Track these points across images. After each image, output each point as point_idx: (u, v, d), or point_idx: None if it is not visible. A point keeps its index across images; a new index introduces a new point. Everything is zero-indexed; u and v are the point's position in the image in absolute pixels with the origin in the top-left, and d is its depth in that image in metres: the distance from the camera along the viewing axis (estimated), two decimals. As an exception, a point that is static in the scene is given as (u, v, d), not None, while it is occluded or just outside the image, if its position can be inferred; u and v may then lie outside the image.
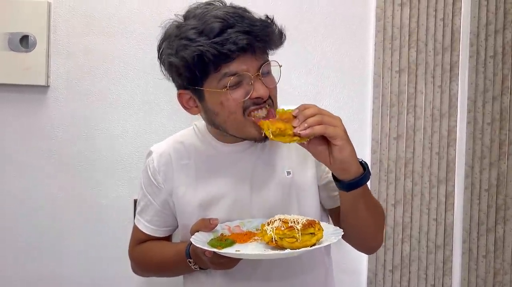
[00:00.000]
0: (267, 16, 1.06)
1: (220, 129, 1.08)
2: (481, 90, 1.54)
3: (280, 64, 1.07)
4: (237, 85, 1.00)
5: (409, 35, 1.53)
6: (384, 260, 1.55)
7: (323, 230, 0.95)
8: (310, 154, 1.11)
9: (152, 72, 1.54)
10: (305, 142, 0.94)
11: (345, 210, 1.06)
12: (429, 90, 1.54)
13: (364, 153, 1.56)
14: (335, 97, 1.56)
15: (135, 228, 1.25)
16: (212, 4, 1.04)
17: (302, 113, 0.92)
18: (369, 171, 0.99)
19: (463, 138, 1.55)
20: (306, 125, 0.90)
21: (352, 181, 0.96)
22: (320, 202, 1.16)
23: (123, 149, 1.55)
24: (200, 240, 0.99)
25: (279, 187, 1.12)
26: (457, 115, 1.55)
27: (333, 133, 0.91)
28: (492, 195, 1.55)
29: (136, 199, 1.44)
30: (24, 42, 1.50)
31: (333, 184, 1.07)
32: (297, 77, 1.55)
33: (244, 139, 1.11)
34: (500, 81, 1.54)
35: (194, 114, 1.11)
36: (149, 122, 1.55)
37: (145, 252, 1.23)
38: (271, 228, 0.94)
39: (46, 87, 1.53)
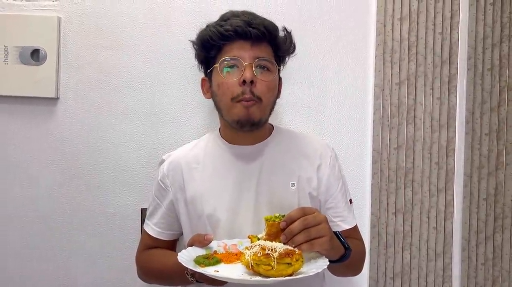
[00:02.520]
0: (284, 28, 1.25)
1: (220, 113, 1.22)
2: (479, 102, 1.58)
3: (278, 67, 1.22)
4: (233, 68, 1.16)
5: (408, 49, 1.57)
6: (385, 268, 1.58)
7: (303, 261, 0.95)
8: (316, 166, 1.20)
9: (159, 84, 1.58)
10: None
11: (327, 268, 1.13)
12: (428, 101, 1.58)
13: (365, 163, 1.60)
14: (337, 108, 1.60)
15: (143, 233, 1.31)
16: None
17: (289, 230, 0.97)
18: (350, 251, 1.07)
19: (462, 148, 1.58)
20: (293, 245, 0.96)
21: (333, 261, 1.05)
22: None
23: (131, 159, 1.58)
24: (189, 255, 1.02)
25: (283, 197, 1.17)
26: (455, 126, 1.58)
27: (319, 248, 0.99)
28: (490, 204, 1.58)
29: (143, 208, 1.50)
30: (35, 55, 1.54)
31: (334, 210, 1.23)
32: (300, 90, 1.59)
33: (247, 144, 1.21)
34: (497, 93, 1.58)
35: (207, 98, 1.27)
36: (156, 132, 1.58)
37: (148, 258, 1.28)
38: (250, 253, 0.95)
39: (56, 99, 1.57)
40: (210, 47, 1.19)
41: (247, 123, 1.15)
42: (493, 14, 1.57)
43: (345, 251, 1.06)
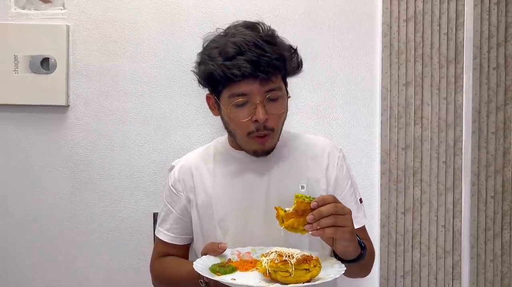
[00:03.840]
0: (290, 47, 1.18)
1: (232, 135, 1.20)
2: (485, 101, 1.60)
3: (289, 95, 1.18)
4: (243, 105, 1.11)
5: (414, 50, 1.59)
6: (396, 266, 1.60)
7: (320, 267, 0.95)
8: (324, 167, 1.21)
9: (168, 90, 1.60)
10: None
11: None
12: (435, 101, 1.59)
13: (374, 164, 1.62)
14: (345, 110, 1.62)
15: (156, 241, 1.32)
16: (248, 27, 1.15)
17: (319, 211, 0.96)
18: (366, 250, 1.07)
19: (469, 147, 1.60)
20: (318, 227, 0.95)
21: (349, 261, 1.05)
22: None
23: (141, 164, 1.60)
24: (204, 264, 1.02)
25: (293, 197, 1.17)
26: (462, 125, 1.60)
27: (341, 236, 0.98)
28: (498, 202, 1.60)
29: (155, 213, 1.51)
30: (45, 64, 1.55)
31: None
32: (309, 92, 1.60)
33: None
34: (503, 92, 1.60)
35: (216, 115, 1.24)
36: (166, 137, 1.60)
37: (163, 267, 1.28)
38: (266, 260, 0.94)
39: (66, 107, 1.59)
40: (216, 83, 1.13)
41: (262, 153, 1.17)
42: (498, 14, 1.59)
43: (361, 251, 1.06)
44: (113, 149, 1.60)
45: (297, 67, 1.22)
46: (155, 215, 1.56)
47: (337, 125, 1.61)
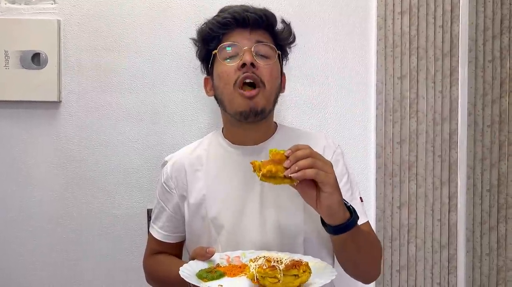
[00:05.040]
0: (282, 19, 1.26)
1: (223, 107, 1.20)
2: (480, 94, 1.59)
3: (277, 51, 1.20)
4: (232, 58, 1.15)
5: (409, 43, 1.58)
6: (391, 261, 1.60)
7: (310, 272, 0.92)
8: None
9: (161, 85, 1.58)
10: (295, 183, 0.94)
11: (335, 249, 1.11)
12: (430, 95, 1.58)
13: (369, 158, 1.61)
14: (340, 104, 1.60)
15: (149, 238, 1.31)
16: None
17: (294, 154, 0.92)
18: (357, 216, 0.99)
19: (464, 140, 1.59)
20: (296, 167, 0.91)
21: (338, 227, 0.96)
22: None
23: (135, 160, 1.59)
24: (192, 270, 1.00)
25: (289, 198, 1.15)
26: (458, 119, 1.59)
27: (323, 179, 0.92)
28: (493, 195, 1.60)
29: (149, 209, 1.50)
30: (36, 59, 1.53)
31: None
32: (303, 86, 1.59)
33: (249, 144, 1.20)
34: (499, 85, 1.59)
35: (210, 95, 1.26)
36: (160, 133, 1.59)
37: (154, 265, 1.27)
38: (255, 265, 0.92)
39: (58, 102, 1.57)
40: (210, 39, 1.19)
41: (250, 113, 1.13)
42: (493, 6, 1.58)
43: (350, 216, 0.97)
44: (106, 145, 1.58)
45: (289, 34, 1.26)
46: (149, 212, 1.55)
47: (331, 119, 1.60)
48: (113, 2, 1.56)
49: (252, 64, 1.12)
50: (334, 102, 1.60)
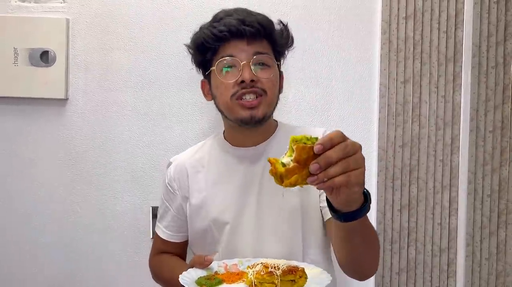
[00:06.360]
0: (280, 21, 1.21)
1: (223, 114, 1.20)
2: (483, 99, 1.60)
3: (275, 61, 1.17)
4: (230, 68, 1.13)
5: (413, 47, 1.59)
6: (391, 263, 1.61)
7: (306, 277, 0.93)
8: None
9: (167, 85, 1.60)
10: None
11: (338, 241, 0.98)
12: (433, 99, 1.59)
13: (371, 161, 1.62)
14: (343, 107, 1.62)
15: (155, 236, 1.33)
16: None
17: (325, 157, 0.72)
18: (370, 201, 0.85)
19: (466, 145, 1.60)
20: (325, 179, 0.73)
21: (349, 213, 0.82)
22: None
23: (140, 158, 1.61)
24: (191, 277, 1.02)
25: (286, 199, 1.15)
26: (460, 124, 1.60)
27: (354, 181, 0.74)
28: (494, 200, 1.61)
29: (153, 206, 1.53)
30: (44, 57, 1.55)
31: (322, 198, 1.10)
32: (307, 89, 1.60)
33: (250, 145, 1.19)
34: (502, 91, 1.60)
35: (208, 100, 1.25)
36: (164, 132, 1.60)
37: (159, 265, 1.30)
38: (252, 271, 0.94)
39: (65, 100, 1.59)
40: (205, 49, 1.17)
41: (251, 121, 1.13)
42: (497, 13, 1.58)
43: (364, 202, 0.83)
44: (111, 143, 1.61)
45: (287, 39, 1.22)
46: (153, 209, 1.58)
47: (334, 122, 1.61)
48: (121, 2, 1.58)
49: (252, 80, 1.11)
50: (337, 105, 1.62)
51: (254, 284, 0.93)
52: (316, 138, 0.76)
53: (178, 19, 1.59)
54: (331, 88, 1.61)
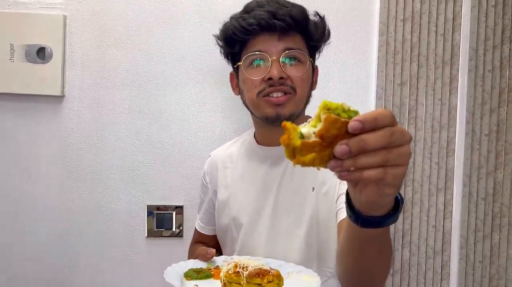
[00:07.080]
0: (317, 12, 1.14)
1: (249, 109, 1.15)
2: (479, 103, 1.60)
3: (308, 57, 1.09)
4: (259, 64, 1.08)
5: (411, 50, 1.59)
6: (385, 265, 1.61)
7: (279, 284, 0.89)
8: None
9: (164, 82, 1.60)
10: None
11: (346, 246, 0.78)
12: (430, 102, 1.60)
13: (367, 162, 1.62)
14: (339, 108, 1.62)
15: (195, 227, 1.36)
16: None
17: (361, 140, 0.54)
18: (401, 210, 0.66)
19: (462, 148, 1.61)
20: (353, 168, 0.55)
21: (371, 217, 0.64)
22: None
23: (136, 156, 1.60)
24: (186, 267, 1.02)
25: (302, 203, 1.11)
26: (456, 127, 1.60)
27: (390, 182, 0.56)
28: (488, 204, 1.61)
29: (148, 205, 1.54)
30: (41, 54, 1.55)
31: (340, 201, 1.03)
32: (303, 90, 1.60)
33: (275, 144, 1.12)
34: (498, 94, 1.60)
35: (236, 94, 1.20)
36: (160, 131, 1.60)
37: (190, 254, 1.32)
38: (225, 269, 0.92)
39: (61, 97, 1.59)
40: (233, 42, 1.10)
41: (277, 119, 1.06)
42: (495, 16, 1.59)
43: (397, 205, 0.66)
44: (107, 140, 1.60)
45: (323, 33, 1.14)
46: (148, 207, 1.58)
47: (331, 123, 1.61)
48: (118, 0, 1.58)
49: (281, 77, 1.05)
50: (334, 106, 1.61)
51: (223, 282, 0.91)
52: (356, 112, 0.57)
53: (176, 17, 1.59)
54: (328, 89, 1.61)
